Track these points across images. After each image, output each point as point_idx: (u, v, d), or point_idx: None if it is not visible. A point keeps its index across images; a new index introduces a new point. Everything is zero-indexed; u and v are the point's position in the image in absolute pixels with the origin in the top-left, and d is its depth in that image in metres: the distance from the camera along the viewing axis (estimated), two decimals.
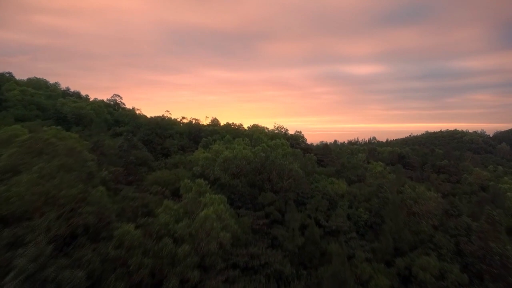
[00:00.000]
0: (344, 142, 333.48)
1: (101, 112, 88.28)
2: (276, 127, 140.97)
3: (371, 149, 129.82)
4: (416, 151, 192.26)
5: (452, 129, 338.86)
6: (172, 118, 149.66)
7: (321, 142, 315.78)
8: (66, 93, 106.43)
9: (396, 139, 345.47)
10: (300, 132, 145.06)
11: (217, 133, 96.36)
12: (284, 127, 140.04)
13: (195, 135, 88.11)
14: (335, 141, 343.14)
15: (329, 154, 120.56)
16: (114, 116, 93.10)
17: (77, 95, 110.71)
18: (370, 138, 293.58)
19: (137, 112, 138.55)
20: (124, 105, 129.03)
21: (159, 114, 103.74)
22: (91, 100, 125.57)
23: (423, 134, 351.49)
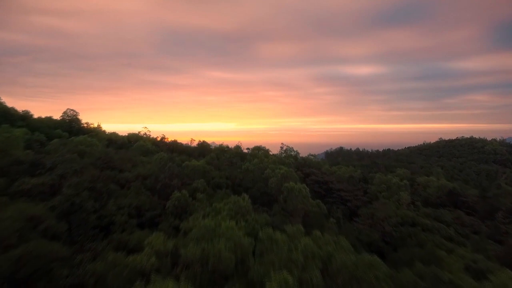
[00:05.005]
0: (351, 148, 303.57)
1: (16, 145, 55.38)
2: (284, 149, 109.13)
3: (411, 180, 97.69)
4: (459, 174, 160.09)
5: (468, 136, 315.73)
6: (151, 136, 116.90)
7: (327, 151, 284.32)
8: None
9: (409, 147, 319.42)
10: (314, 155, 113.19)
11: (201, 175, 63.72)
12: (294, 149, 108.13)
13: (163, 185, 55.17)
14: (341, 147, 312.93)
15: (357, 191, 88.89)
16: (43, 151, 60.06)
17: (3, 111, 77.30)
18: (384, 149, 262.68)
19: (104, 130, 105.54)
20: (80, 124, 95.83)
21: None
22: (34, 117, 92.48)
23: (438, 142, 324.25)
